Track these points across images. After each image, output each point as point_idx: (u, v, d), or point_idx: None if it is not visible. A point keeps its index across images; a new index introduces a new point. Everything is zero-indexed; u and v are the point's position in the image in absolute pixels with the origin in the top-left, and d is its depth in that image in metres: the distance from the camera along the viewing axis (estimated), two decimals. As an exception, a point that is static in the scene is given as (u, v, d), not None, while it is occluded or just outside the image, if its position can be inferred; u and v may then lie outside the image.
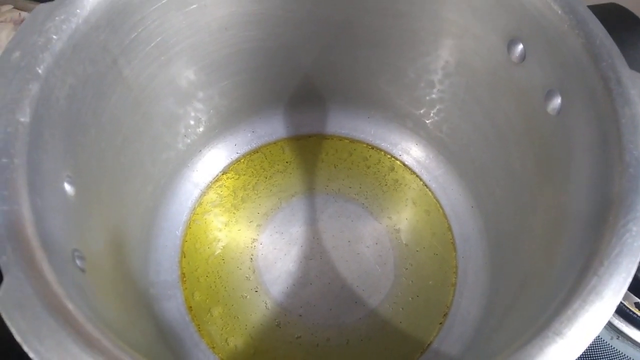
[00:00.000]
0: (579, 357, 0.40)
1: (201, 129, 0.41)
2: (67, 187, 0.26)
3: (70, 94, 0.26)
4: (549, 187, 0.29)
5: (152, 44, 0.31)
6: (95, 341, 0.19)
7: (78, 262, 0.24)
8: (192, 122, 0.39)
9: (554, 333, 0.18)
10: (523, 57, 0.29)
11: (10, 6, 0.52)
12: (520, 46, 0.29)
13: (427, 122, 0.42)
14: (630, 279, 0.19)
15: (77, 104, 0.27)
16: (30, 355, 0.18)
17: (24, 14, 0.50)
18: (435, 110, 0.40)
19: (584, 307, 0.19)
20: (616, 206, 0.21)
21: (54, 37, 0.25)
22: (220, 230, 0.41)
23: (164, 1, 0.30)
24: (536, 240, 0.30)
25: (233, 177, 0.43)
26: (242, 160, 0.44)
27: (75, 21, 0.26)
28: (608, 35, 0.25)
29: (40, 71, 0.24)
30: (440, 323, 0.38)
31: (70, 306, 0.19)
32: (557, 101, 0.27)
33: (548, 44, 0.27)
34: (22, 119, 0.23)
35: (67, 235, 0.24)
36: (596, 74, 0.24)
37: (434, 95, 0.39)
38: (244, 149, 0.44)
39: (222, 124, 0.42)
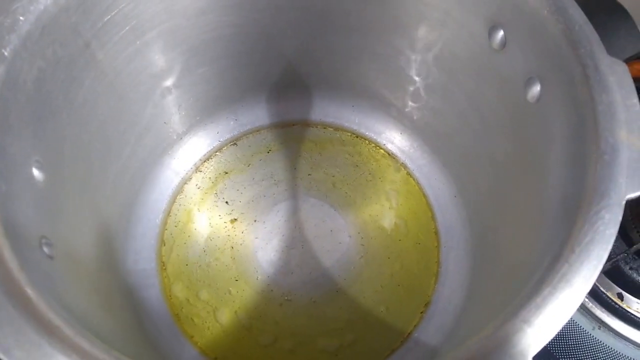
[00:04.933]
0: (562, 348, 0.40)
1: (181, 116, 0.40)
2: (36, 173, 0.25)
3: (39, 77, 0.25)
4: (529, 175, 0.29)
5: (127, 28, 0.30)
6: (56, 329, 0.18)
7: (45, 249, 0.24)
8: (171, 109, 0.39)
9: (522, 321, 0.18)
10: (504, 43, 0.29)
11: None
12: (501, 32, 0.29)
13: (411, 110, 0.41)
14: (601, 267, 0.19)
15: (47, 88, 0.26)
16: (-13, 342, 0.18)
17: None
18: (418, 98, 0.40)
19: (553, 294, 0.19)
20: (590, 193, 0.20)
21: (21, 18, 0.24)
22: (200, 218, 0.40)
23: (138, -17, 0.30)
24: (516, 230, 0.30)
25: (215, 165, 0.43)
26: (224, 148, 0.43)
27: (43, 2, 0.25)
28: (587, 21, 0.25)
29: (5, 53, 0.23)
30: (422, 312, 0.38)
31: (31, 293, 0.19)
32: (536, 89, 0.27)
33: (528, 30, 0.27)
34: (-15, 102, 0.22)
35: (35, 222, 0.24)
36: (575, 61, 0.24)
37: (416, 83, 0.38)
38: (226, 136, 0.43)
39: (204, 111, 0.41)
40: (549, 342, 0.40)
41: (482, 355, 0.18)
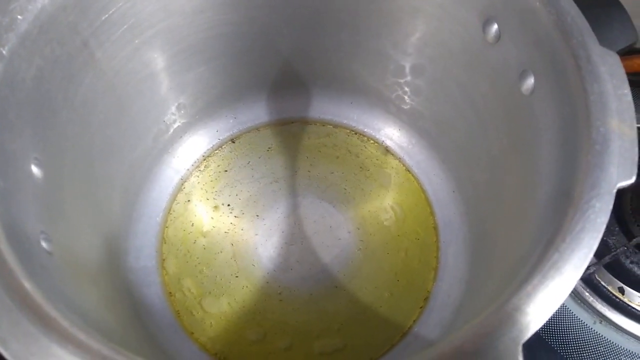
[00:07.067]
0: (564, 342, 0.40)
1: (181, 115, 0.40)
2: (35, 169, 0.25)
3: (37, 75, 0.26)
4: (523, 168, 0.29)
5: (125, 27, 0.31)
6: (52, 321, 0.19)
7: (44, 244, 0.24)
8: (171, 108, 0.39)
9: (513, 309, 0.18)
10: (498, 37, 0.29)
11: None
12: (495, 26, 0.29)
13: (409, 106, 0.41)
14: (591, 255, 0.19)
15: (46, 86, 0.27)
16: (-16, 333, 0.18)
17: None
18: (415, 94, 0.40)
19: (543, 282, 0.19)
20: (581, 182, 0.21)
21: (19, 17, 0.25)
22: (201, 216, 0.41)
23: (135, -18, 0.30)
24: (512, 222, 0.30)
25: (214, 163, 0.43)
26: (224, 146, 0.43)
27: (41, 1, 0.25)
28: (579, 12, 0.25)
29: (4, 52, 0.24)
30: (421, 307, 0.38)
31: (28, 286, 0.19)
32: (530, 81, 0.27)
33: (521, 23, 0.27)
34: (-16, 99, 0.23)
35: (33, 217, 0.24)
36: (567, 52, 0.24)
37: (412, 78, 0.39)
38: (225, 134, 0.43)
39: (203, 110, 0.42)
40: (551, 336, 0.40)
41: (474, 342, 0.18)
